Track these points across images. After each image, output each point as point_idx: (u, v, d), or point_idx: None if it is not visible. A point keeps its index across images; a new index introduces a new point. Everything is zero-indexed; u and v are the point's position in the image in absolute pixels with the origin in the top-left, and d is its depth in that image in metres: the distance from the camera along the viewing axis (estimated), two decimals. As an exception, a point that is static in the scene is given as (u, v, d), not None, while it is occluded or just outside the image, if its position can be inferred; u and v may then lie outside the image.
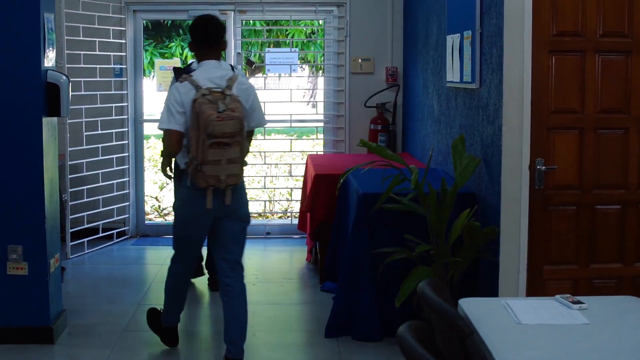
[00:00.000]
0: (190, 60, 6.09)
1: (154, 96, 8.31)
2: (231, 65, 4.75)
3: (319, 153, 7.39)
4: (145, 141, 7.80)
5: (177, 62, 10.49)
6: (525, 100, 3.88)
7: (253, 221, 7.80)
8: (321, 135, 7.49)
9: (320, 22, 7.60)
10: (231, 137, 3.80)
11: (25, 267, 4.35)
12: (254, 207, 8.25)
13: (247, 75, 6.94)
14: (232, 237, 4.08)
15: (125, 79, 6.87)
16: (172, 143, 3.93)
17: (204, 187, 3.85)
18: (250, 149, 4.29)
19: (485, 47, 4.33)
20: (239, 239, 4.12)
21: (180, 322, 4.42)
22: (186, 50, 12.16)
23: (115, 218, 6.92)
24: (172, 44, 12.93)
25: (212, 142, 3.77)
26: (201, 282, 5.60)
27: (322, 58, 7.93)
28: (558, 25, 3.88)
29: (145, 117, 7.24)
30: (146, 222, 7.40)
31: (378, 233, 4.47)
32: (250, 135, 4.17)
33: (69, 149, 6.41)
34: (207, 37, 4.07)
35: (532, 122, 3.90)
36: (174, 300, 4.32)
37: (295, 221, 6.94)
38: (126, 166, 7.01)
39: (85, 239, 6.57)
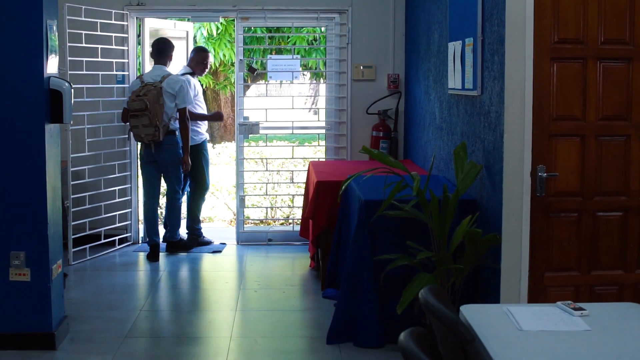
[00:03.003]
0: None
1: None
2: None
3: (320, 160, 7.39)
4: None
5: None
6: (527, 107, 3.89)
7: (255, 227, 7.86)
8: (323, 142, 7.50)
9: (322, 29, 7.61)
10: (140, 112, 6.20)
11: (27, 274, 4.36)
12: (255, 214, 8.26)
13: (249, 82, 7.29)
14: (167, 173, 6.55)
15: (127, 85, 6.89)
16: (123, 114, 6.57)
17: (137, 142, 6.52)
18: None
19: (486, 54, 4.34)
20: (171, 173, 6.55)
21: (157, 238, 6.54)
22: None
23: (117, 225, 6.93)
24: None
25: (130, 113, 6.29)
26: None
27: (324, 65, 7.94)
28: (559, 33, 3.88)
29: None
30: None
31: (380, 240, 4.48)
32: (179, 111, 6.42)
33: (71, 155, 6.43)
34: (155, 52, 6.61)
35: (534, 129, 3.90)
36: (147, 216, 6.59)
37: (297, 228, 6.94)
38: (128, 173, 7.03)
39: (87, 246, 6.58)
